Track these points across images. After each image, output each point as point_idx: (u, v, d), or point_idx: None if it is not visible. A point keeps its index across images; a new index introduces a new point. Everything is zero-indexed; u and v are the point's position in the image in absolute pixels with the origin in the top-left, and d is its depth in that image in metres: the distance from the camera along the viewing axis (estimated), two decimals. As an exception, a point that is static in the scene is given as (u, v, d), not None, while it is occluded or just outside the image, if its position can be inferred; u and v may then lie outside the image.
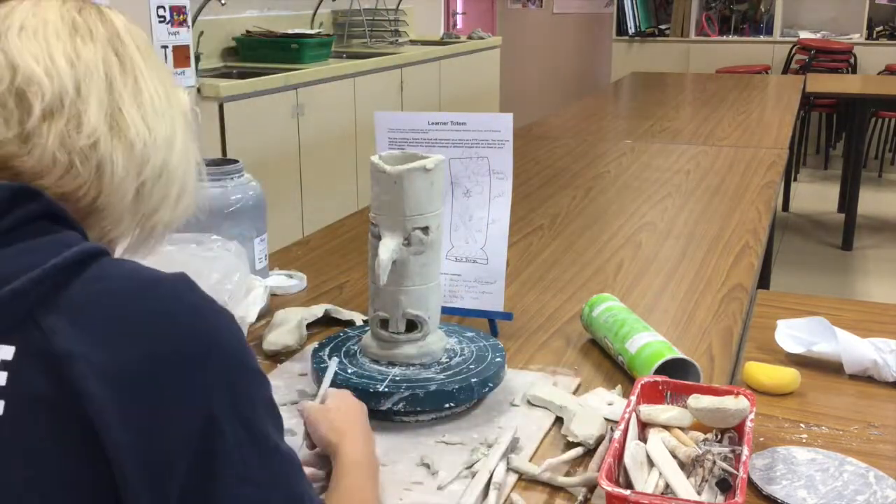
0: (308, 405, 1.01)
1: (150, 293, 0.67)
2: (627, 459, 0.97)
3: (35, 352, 0.62)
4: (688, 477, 0.94)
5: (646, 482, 0.94)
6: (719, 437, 1.01)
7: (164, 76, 0.80)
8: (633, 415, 1.03)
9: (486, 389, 1.15)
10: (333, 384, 1.11)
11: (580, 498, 0.97)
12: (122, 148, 0.74)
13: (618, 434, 0.98)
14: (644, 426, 1.04)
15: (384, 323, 1.16)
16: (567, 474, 1.02)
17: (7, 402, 0.61)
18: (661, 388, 1.09)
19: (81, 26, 0.75)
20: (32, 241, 0.67)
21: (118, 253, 0.80)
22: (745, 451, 0.95)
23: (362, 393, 1.09)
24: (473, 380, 1.13)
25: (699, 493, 0.93)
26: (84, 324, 0.63)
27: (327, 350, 1.21)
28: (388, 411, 1.09)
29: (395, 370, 1.14)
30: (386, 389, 1.10)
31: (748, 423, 0.99)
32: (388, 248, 1.10)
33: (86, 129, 0.71)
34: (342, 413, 1.00)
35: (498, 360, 1.19)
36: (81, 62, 0.73)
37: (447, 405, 1.11)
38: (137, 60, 0.77)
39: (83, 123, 0.71)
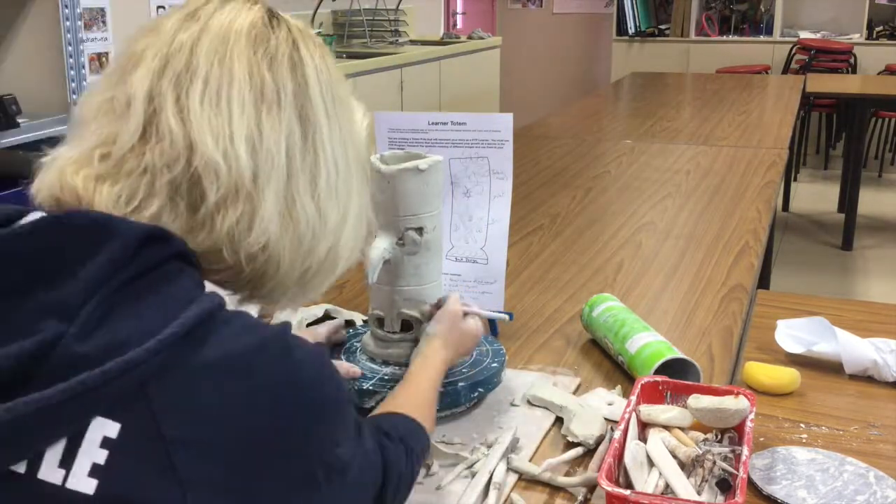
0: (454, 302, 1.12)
1: (255, 364, 0.63)
2: (627, 459, 0.97)
3: (143, 434, 0.58)
4: (688, 477, 0.94)
5: (646, 482, 0.94)
6: (719, 437, 1.01)
7: (345, 117, 0.74)
8: (633, 415, 1.03)
9: (475, 395, 1.14)
10: None
11: (580, 498, 0.97)
12: (290, 243, 0.69)
13: (618, 434, 0.98)
14: (644, 426, 1.04)
15: (380, 321, 1.16)
16: (567, 474, 1.02)
17: (101, 483, 0.57)
18: (661, 388, 1.09)
19: (269, 88, 0.68)
20: (154, 296, 0.62)
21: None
22: (745, 451, 0.95)
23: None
24: (461, 384, 1.12)
25: (699, 493, 0.93)
26: (193, 404, 0.60)
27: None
28: (373, 409, 1.09)
29: (388, 369, 1.15)
30: (371, 388, 1.10)
31: (748, 423, 0.99)
32: (379, 247, 1.11)
33: (257, 228, 0.66)
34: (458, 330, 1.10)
35: (494, 365, 1.18)
36: (263, 146, 0.66)
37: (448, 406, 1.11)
38: (321, 121, 0.71)
39: (255, 220, 0.66)
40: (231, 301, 0.71)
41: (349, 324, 1.41)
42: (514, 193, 1.35)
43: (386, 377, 1.12)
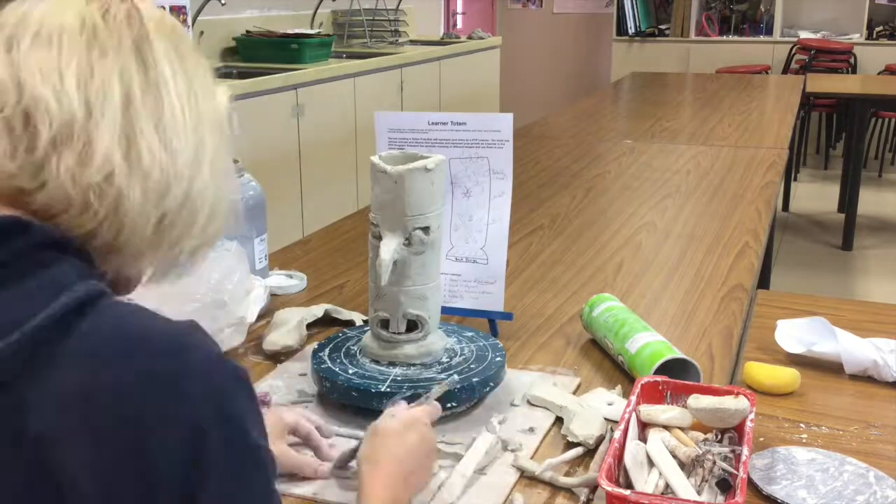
0: (385, 416, 0.96)
1: (138, 357, 0.60)
2: (627, 459, 0.97)
3: (9, 430, 0.57)
4: (688, 477, 0.94)
5: (646, 482, 0.94)
6: (719, 437, 1.01)
7: (197, 78, 0.72)
8: (633, 415, 1.03)
9: (488, 389, 1.15)
10: (336, 387, 1.11)
11: (583, 498, 0.97)
12: (138, 179, 0.66)
13: (618, 434, 0.98)
14: (644, 426, 1.04)
15: (384, 323, 1.16)
16: (567, 474, 1.02)
17: None
18: (661, 388, 1.09)
19: (102, 33, 0.67)
20: (17, 287, 0.60)
21: (143, 279, 0.75)
22: (745, 451, 0.95)
23: (363, 393, 1.09)
24: (475, 379, 1.13)
25: (699, 493, 0.93)
26: (63, 401, 0.57)
27: (327, 350, 1.21)
28: (365, 409, 1.09)
29: (396, 370, 1.14)
30: (388, 390, 1.10)
31: (748, 423, 0.99)
32: (390, 248, 1.10)
33: (97, 161, 0.64)
34: (395, 444, 0.92)
35: (498, 359, 1.19)
36: (94, 81, 0.65)
37: (449, 405, 1.11)
38: (163, 68, 0.69)
39: (94, 153, 0.64)
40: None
41: (349, 324, 1.41)
42: (514, 193, 1.35)
43: (398, 378, 1.12)
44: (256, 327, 1.40)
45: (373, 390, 1.10)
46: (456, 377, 1.12)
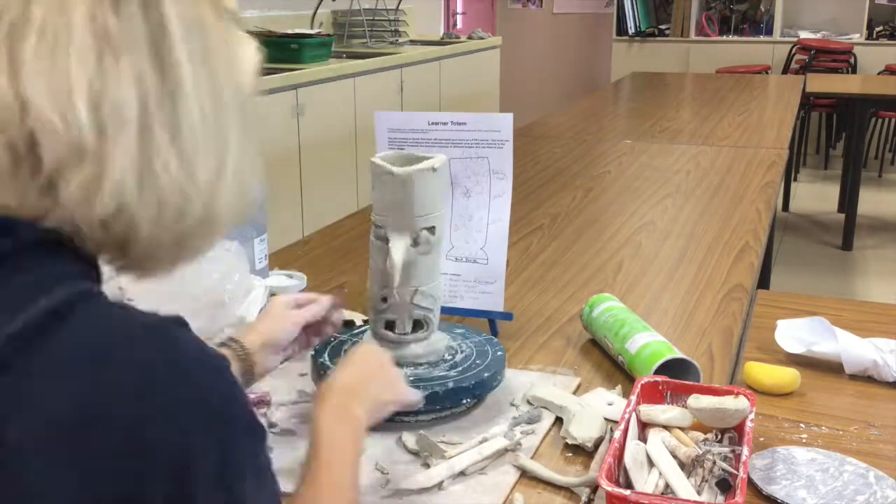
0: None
1: (116, 367, 0.57)
2: (627, 459, 0.97)
3: None
4: (688, 477, 0.94)
5: (646, 482, 0.94)
6: (719, 437, 1.01)
7: (220, 65, 0.65)
8: (633, 415, 1.03)
9: (496, 383, 1.16)
10: None
11: (584, 499, 0.97)
12: (153, 206, 0.61)
13: (618, 434, 0.98)
14: (644, 426, 1.04)
15: (389, 324, 1.16)
16: (567, 474, 1.02)
17: None
18: (661, 388, 1.09)
19: (115, 32, 0.59)
20: (1, 290, 0.57)
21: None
22: (745, 451, 0.95)
23: (443, 393, 1.10)
24: (485, 374, 1.14)
25: (699, 493, 0.93)
26: (37, 411, 0.54)
27: (327, 350, 1.21)
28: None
29: (406, 370, 1.14)
30: (463, 384, 1.11)
31: (748, 423, 0.99)
32: (400, 249, 1.11)
33: (107, 190, 0.58)
34: (342, 365, 0.96)
35: (499, 353, 1.20)
36: (107, 97, 0.58)
37: (464, 401, 1.12)
38: (183, 65, 0.62)
39: (104, 182, 0.58)
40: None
41: (349, 324, 1.41)
42: (514, 193, 1.35)
43: (411, 378, 1.12)
44: (256, 327, 1.40)
45: None
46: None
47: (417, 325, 1.16)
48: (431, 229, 1.12)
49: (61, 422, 0.54)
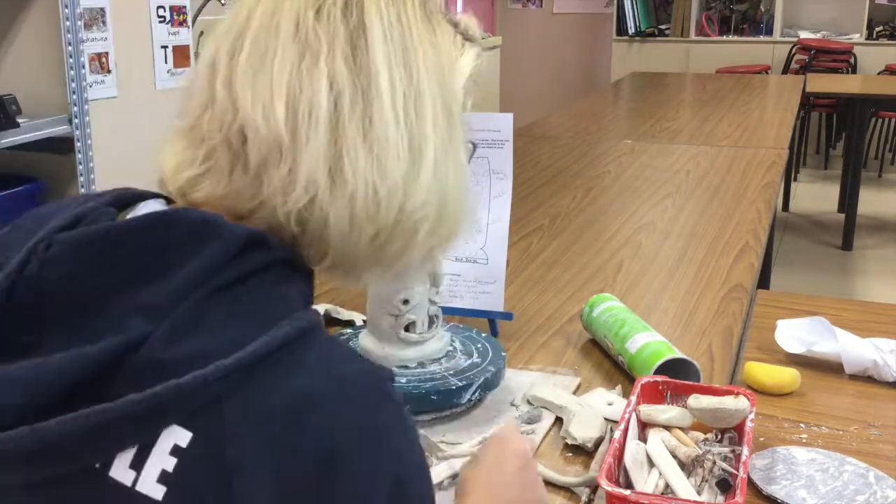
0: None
1: (332, 404, 0.58)
2: (627, 459, 0.97)
3: (209, 450, 0.56)
4: (688, 477, 0.94)
5: (646, 482, 0.94)
6: (719, 437, 1.01)
7: (422, 52, 0.66)
8: (633, 415, 1.03)
9: (496, 383, 1.16)
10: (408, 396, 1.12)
11: (584, 499, 0.97)
12: (344, 203, 0.63)
13: (618, 434, 0.98)
14: (644, 426, 1.04)
15: (410, 325, 1.16)
16: (567, 474, 1.02)
17: (169, 490, 0.56)
18: (661, 388, 1.09)
19: (314, 36, 0.63)
20: (246, 304, 0.60)
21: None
22: (745, 451, 0.95)
23: (444, 393, 1.10)
24: (485, 374, 1.14)
25: (699, 493, 0.93)
26: (262, 432, 0.56)
27: None
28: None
29: (433, 367, 1.15)
30: (463, 383, 1.11)
31: (748, 423, 0.99)
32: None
33: (300, 185, 0.62)
34: (498, 472, 0.82)
35: (499, 353, 1.20)
36: (303, 98, 0.62)
37: (464, 401, 1.12)
38: (378, 63, 0.64)
39: (298, 177, 0.62)
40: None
41: (349, 324, 1.41)
42: (514, 193, 1.35)
43: (412, 378, 1.12)
44: (256, 327, 1.40)
45: (453, 387, 1.10)
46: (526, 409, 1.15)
47: (430, 322, 1.17)
48: None
49: (281, 450, 0.56)
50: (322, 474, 0.56)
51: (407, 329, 1.16)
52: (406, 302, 1.15)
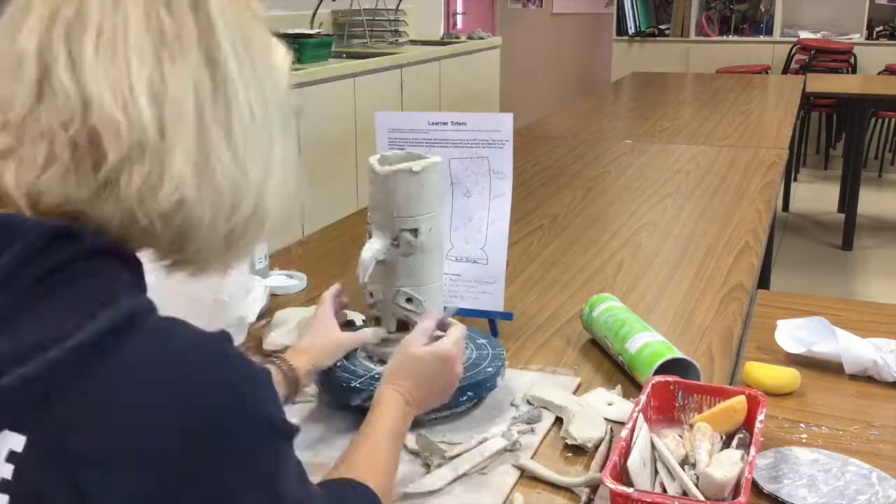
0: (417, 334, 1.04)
1: (174, 378, 0.58)
2: (633, 458, 0.97)
3: (49, 450, 0.54)
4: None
5: (649, 481, 0.94)
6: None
7: (261, 66, 0.66)
8: (641, 415, 1.03)
9: (464, 398, 1.12)
10: (320, 378, 1.15)
11: (584, 499, 0.97)
12: (209, 203, 0.62)
13: (624, 433, 0.98)
14: (650, 426, 1.04)
15: (377, 321, 1.17)
16: (567, 474, 1.02)
17: (11, 499, 0.54)
18: (672, 387, 1.09)
19: (170, 34, 0.61)
20: (61, 300, 0.58)
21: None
22: (752, 450, 0.95)
23: (336, 387, 1.12)
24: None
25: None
26: (102, 422, 0.55)
27: None
28: (358, 408, 1.10)
29: (381, 368, 1.15)
30: (358, 385, 1.11)
31: (757, 424, 0.99)
32: (372, 248, 1.11)
33: (168, 186, 0.60)
34: (420, 371, 1.01)
35: (499, 353, 1.19)
36: (168, 96, 0.60)
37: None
38: (230, 65, 0.63)
39: (165, 178, 0.60)
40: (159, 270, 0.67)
41: (349, 324, 1.41)
42: (514, 193, 1.35)
43: (377, 376, 1.13)
44: (256, 327, 1.40)
45: (345, 384, 1.11)
46: (456, 306, 1.20)
47: (403, 324, 1.16)
48: (413, 231, 1.12)
49: (126, 436, 0.55)
50: (188, 447, 0.56)
51: (376, 324, 1.17)
52: (371, 295, 1.17)
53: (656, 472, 0.96)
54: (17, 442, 0.54)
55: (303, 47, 4.09)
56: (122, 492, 0.55)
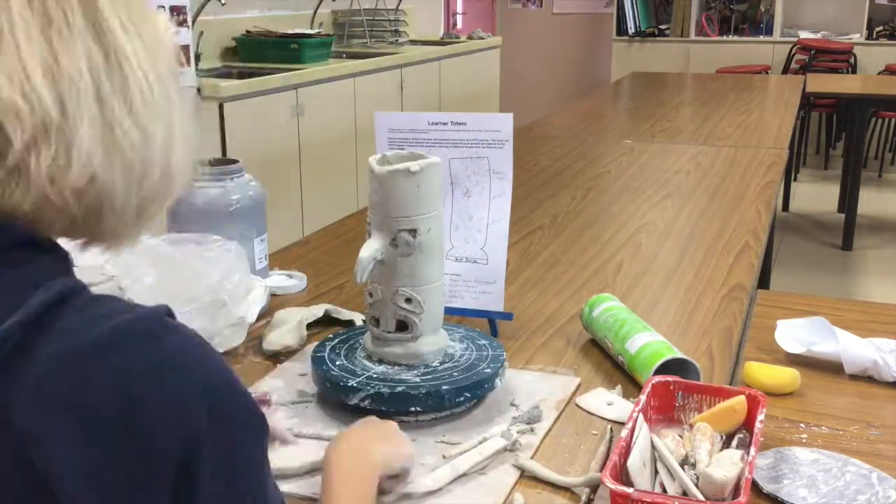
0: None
1: (114, 351, 0.58)
2: (634, 458, 0.97)
3: None
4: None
5: (649, 481, 0.94)
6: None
7: (146, 27, 0.65)
8: (641, 415, 1.03)
9: (461, 399, 1.12)
10: (316, 376, 1.15)
11: (584, 498, 0.97)
12: (120, 175, 0.62)
13: (625, 433, 0.98)
14: (650, 425, 1.04)
15: (376, 321, 1.17)
16: (567, 474, 1.02)
17: None
18: (672, 387, 1.09)
19: (53, 10, 0.59)
20: None
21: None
22: (752, 451, 0.95)
23: (334, 386, 1.12)
24: (444, 387, 1.11)
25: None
26: (46, 399, 0.56)
27: (335, 341, 1.23)
28: (356, 407, 1.10)
29: (380, 368, 1.15)
30: (355, 385, 1.10)
31: (757, 424, 0.99)
32: (370, 247, 1.11)
33: (78, 162, 0.59)
34: (351, 432, 0.99)
35: (499, 353, 1.19)
36: (63, 72, 0.59)
37: (412, 409, 1.10)
38: (118, 35, 0.62)
39: (73, 155, 0.59)
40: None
41: (349, 324, 1.41)
42: (514, 193, 1.35)
43: (374, 375, 1.13)
44: (256, 327, 1.40)
45: (341, 384, 1.11)
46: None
47: (402, 325, 1.16)
48: (412, 232, 1.12)
49: (67, 410, 0.56)
50: (128, 424, 0.56)
51: (374, 323, 1.17)
52: (371, 294, 1.16)
53: (656, 472, 0.96)
54: None
55: (303, 47, 4.09)
56: (69, 468, 0.55)
